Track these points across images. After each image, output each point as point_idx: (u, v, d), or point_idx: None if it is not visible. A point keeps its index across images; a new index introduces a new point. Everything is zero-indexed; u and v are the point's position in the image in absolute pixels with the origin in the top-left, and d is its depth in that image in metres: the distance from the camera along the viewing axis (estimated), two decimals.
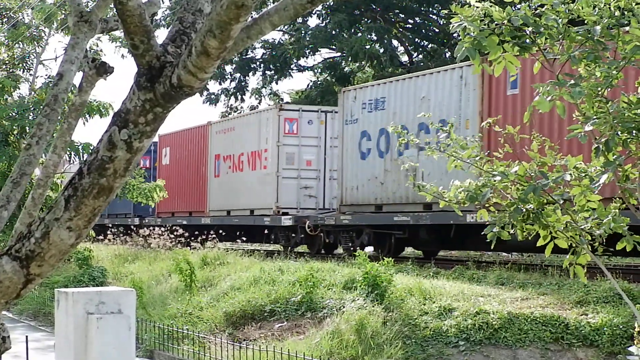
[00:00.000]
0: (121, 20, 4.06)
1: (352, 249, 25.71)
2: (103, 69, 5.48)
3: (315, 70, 51.61)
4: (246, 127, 33.09)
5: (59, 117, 5.83)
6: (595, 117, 7.84)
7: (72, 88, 15.86)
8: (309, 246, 30.26)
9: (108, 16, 6.07)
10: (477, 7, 7.78)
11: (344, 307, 16.99)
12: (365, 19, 45.92)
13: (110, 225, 36.34)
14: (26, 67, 31.16)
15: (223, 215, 34.31)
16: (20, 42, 30.24)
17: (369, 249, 25.96)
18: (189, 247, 27.47)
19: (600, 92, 7.91)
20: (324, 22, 46.30)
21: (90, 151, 6.54)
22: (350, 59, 45.37)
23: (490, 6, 7.77)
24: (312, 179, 31.34)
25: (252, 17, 4.11)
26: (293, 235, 29.99)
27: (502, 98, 21.73)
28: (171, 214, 38.71)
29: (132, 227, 37.60)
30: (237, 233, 31.78)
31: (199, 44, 3.86)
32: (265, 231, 30.85)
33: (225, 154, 34.54)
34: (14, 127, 26.72)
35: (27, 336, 12.98)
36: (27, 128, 26.07)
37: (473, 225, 20.51)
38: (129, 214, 42.12)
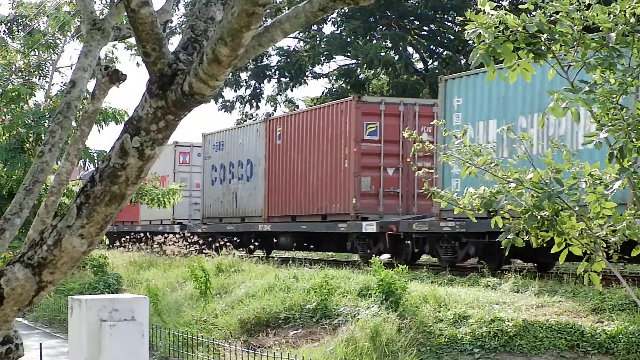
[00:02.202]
0: (133, 27, 4.06)
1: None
2: (116, 77, 5.48)
3: (331, 78, 51.63)
4: None
5: (72, 125, 5.84)
6: (609, 124, 7.81)
7: (86, 95, 15.91)
8: None
9: (121, 24, 6.09)
10: (492, 14, 7.76)
11: (358, 314, 16.97)
12: (381, 26, 45.93)
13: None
14: (42, 75, 31.20)
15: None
16: (36, 50, 30.31)
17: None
18: (203, 255, 27.48)
19: (615, 99, 7.88)
20: (339, 29, 46.33)
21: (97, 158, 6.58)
22: (365, 66, 45.37)
23: (505, 13, 7.75)
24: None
25: (263, 24, 4.10)
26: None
27: (275, 146, 32.30)
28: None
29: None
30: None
31: (210, 52, 3.85)
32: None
33: None
34: (30, 135, 26.79)
35: (40, 343, 13.00)
36: (42, 135, 26.11)
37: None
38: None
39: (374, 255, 22.40)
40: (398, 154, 27.80)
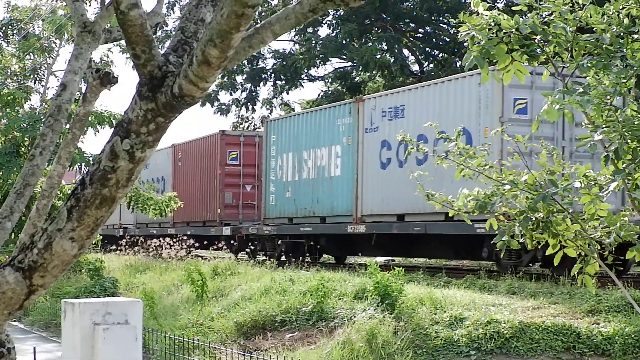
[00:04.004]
0: (123, 30, 4.04)
1: None
2: (107, 80, 5.46)
3: (326, 80, 51.65)
4: None
5: (64, 127, 5.81)
6: (604, 125, 7.79)
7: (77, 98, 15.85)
8: None
9: (112, 26, 6.06)
10: (486, 16, 7.74)
11: (354, 316, 16.95)
12: (376, 29, 45.94)
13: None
14: (37, 79, 31.20)
15: None
16: (31, 54, 30.29)
17: None
18: (199, 258, 27.51)
19: (609, 101, 7.87)
20: (335, 32, 46.33)
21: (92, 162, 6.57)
22: (361, 69, 45.37)
23: (499, 14, 7.73)
24: None
25: (254, 26, 4.09)
26: None
27: (177, 167, 40.45)
28: None
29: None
30: None
31: (199, 54, 3.84)
32: None
33: None
34: (25, 139, 26.76)
35: (34, 347, 12.96)
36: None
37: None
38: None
39: (234, 251, 30.38)
40: (254, 175, 36.12)
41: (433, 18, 45.65)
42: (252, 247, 29.80)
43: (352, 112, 27.66)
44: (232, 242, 32.34)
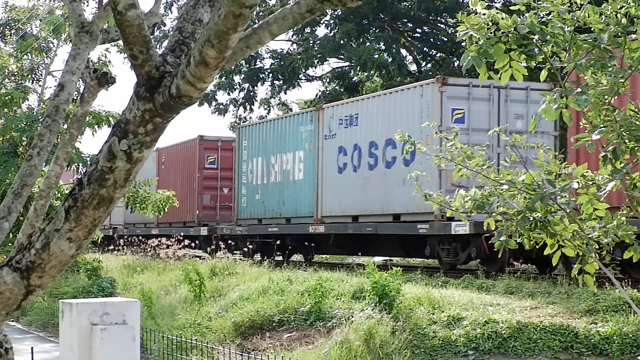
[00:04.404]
0: (120, 30, 4.04)
1: None
2: (105, 80, 5.45)
3: (324, 80, 51.64)
4: None
5: (61, 128, 5.81)
6: (602, 125, 7.79)
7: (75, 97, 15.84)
8: None
9: (110, 27, 6.06)
10: (484, 15, 7.73)
11: (352, 316, 16.95)
12: (374, 29, 45.94)
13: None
14: (35, 79, 31.17)
15: None
16: (28, 54, 30.27)
17: None
18: (197, 258, 27.53)
19: (607, 100, 7.87)
20: (332, 31, 46.32)
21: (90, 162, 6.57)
22: (358, 69, 45.35)
23: (497, 14, 7.72)
24: None
25: (251, 26, 4.08)
26: None
27: (161, 170, 40.19)
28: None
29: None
30: None
31: (197, 54, 3.83)
32: None
33: None
34: (23, 139, 26.74)
35: (32, 347, 12.94)
36: None
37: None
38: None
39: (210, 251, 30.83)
40: (231, 178, 36.55)
41: (431, 18, 45.65)
42: (224, 247, 30.31)
43: (314, 120, 29.74)
44: (208, 241, 34.12)
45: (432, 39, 47.24)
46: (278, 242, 30.58)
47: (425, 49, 47.77)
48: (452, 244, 24.38)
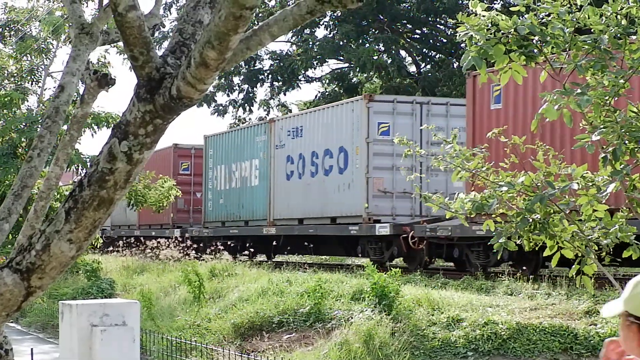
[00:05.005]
0: (120, 31, 4.03)
1: None
2: (105, 81, 5.45)
3: (323, 81, 51.64)
4: None
5: (61, 129, 5.81)
6: (602, 126, 7.80)
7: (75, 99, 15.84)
8: None
9: (110, 28, 6.05)
10: (484, 16, 7.74)
11: (352, 318, 16.94)
12: (373, 30, 45.94)
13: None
14: (34, 80, 31.20)
15: None
16: (28, 55, 30.28)
17: None
18: (197, 259, 27.54)
19: (607, 101, 7.87)
20: (332, 33, 46.34)
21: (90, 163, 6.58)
22: (358, 70, 45.37)
23: (497, 15, 7.73)
24: None
25: (252, 27, 4.08)
26: None
27: None
28: None
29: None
30: None
31: (197, 55, 3.83)
32: None
33: None
34: (22, 140, 26.76)
35: (32, 349, 12.94)
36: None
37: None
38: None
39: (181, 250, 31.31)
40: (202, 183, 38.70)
41: (430, 19, 45.66)
42: (195, 247, 31.80)
43: (267, 131, 32.73)
44: (179, 241, 35.40)
45: (431, 40, 47.26)
46: (237, 243, 33.45)
47: (424, 50, 47.78)
48: (378, 244, 26.86)
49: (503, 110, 21.86)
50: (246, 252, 31.64)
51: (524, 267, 20.73)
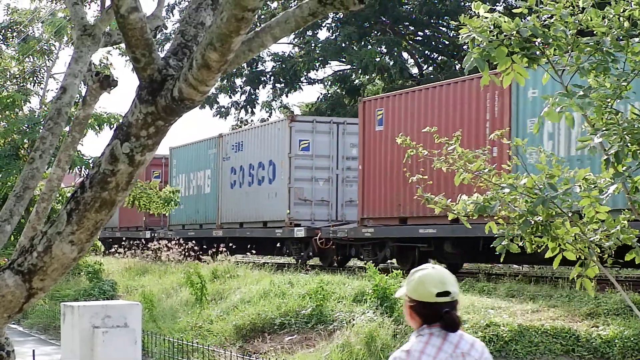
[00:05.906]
0: (123, 33, 4.03)
1: None
2: (107, 83, 5.45)
3: (326, 83, 51.63)
4: None
5: (63, 131, 5.80)
6: (604, 128, 7.78)
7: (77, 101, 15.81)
8: None
9: (112, 30, 6.05)
10: (486, 18, 7.73)
11: (354, 319, 16.93)
12: (375, 32, 45.93)
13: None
14: (37, 81, 31.17)
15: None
16: (30, 56, 30.28)
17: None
18: (199, 261, 27.53)
19: (609, 104, 7.86)
20: (334, 34, 46.32)
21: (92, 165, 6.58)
22: (360, 72, 45.37)
23: (499, 17, 7.72)
24: None
25: (254, 29, 4.08)
26: None
27: None
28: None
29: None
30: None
31: (199, 57, 3.83)
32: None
33: None
34: (25, 141, 26.75)
35: (34, 350, 12.95)
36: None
37: None
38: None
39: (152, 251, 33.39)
40: None
41: (432, 21, 45.65)
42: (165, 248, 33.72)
43: (217, 145, 36.92)
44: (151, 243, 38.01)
45: (433, 42, 47.25)
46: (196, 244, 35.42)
47: (426, 52, 47.78)
48: (297, 244, 30.96)
49: (384, 132, 25.77)
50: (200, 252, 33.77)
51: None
